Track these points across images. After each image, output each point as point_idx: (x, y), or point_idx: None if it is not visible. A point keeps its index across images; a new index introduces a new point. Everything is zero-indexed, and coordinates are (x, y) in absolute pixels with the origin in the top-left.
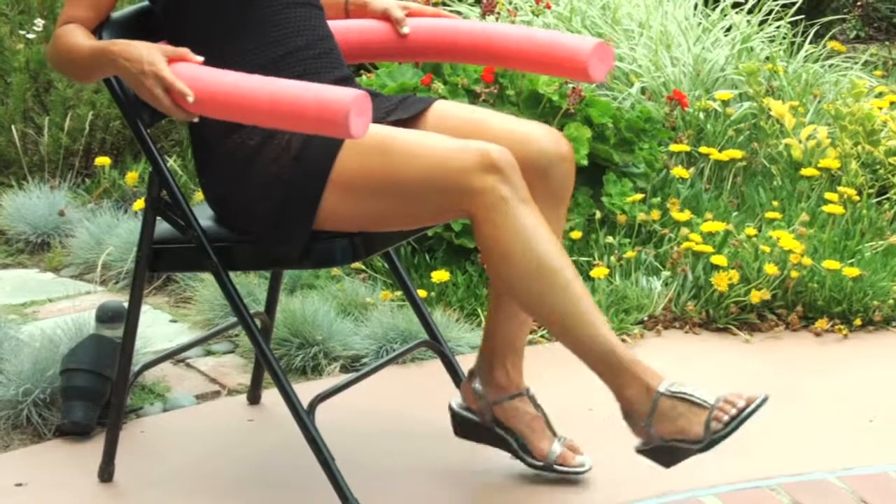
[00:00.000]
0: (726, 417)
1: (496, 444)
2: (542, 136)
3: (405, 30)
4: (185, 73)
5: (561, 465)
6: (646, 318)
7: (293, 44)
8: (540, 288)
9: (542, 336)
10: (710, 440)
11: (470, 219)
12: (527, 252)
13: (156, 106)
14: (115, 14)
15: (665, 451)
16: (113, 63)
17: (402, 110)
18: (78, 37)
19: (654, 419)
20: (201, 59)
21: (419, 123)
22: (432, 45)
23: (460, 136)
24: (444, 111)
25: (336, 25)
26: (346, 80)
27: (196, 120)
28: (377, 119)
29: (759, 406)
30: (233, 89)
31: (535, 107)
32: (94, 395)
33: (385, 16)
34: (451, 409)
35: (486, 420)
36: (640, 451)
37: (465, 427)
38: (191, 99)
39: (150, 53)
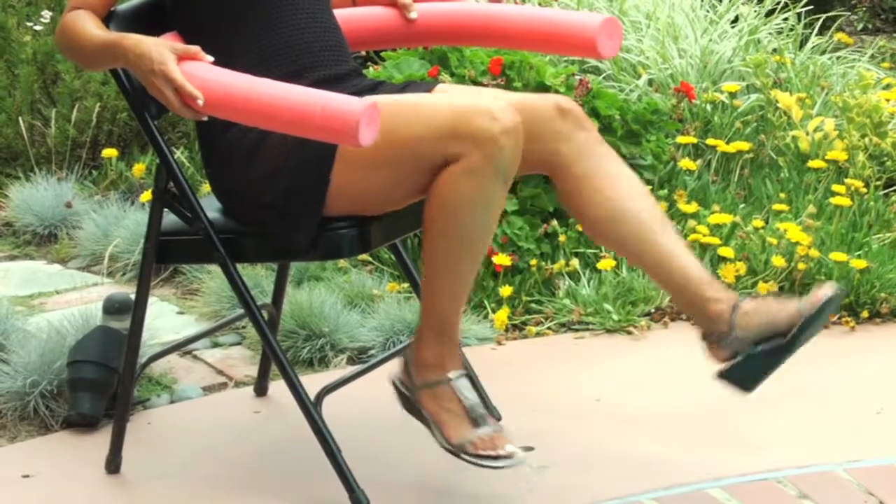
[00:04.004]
0: (480, 452)
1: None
2: (537, 100)
3: (413, 15)
4: (195, 74)
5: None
6: (653, 311)
7: (301, 36)
8: (458, 257)
9: (548, 328)
10: (455, 453)
11: (454, 163)
12: (477, 222)
13: (165, 104)
14: (123, 5)
15: (414, 410)
16: (123, 57)
17: None
18: (88, 25)
19: (426, 393)
20: (211, 58)
21: None
22: (440, 28)
23: None
24: (447, 91)
25: (344, 13)
26: (352, 74)
27: (205, 119)
28: None
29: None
30: (243, 93)
31: None
32: (101, 386)
33: (392, 2)
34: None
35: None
36: (401, 397)
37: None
38: (201, 102)
39: (160, 52)
